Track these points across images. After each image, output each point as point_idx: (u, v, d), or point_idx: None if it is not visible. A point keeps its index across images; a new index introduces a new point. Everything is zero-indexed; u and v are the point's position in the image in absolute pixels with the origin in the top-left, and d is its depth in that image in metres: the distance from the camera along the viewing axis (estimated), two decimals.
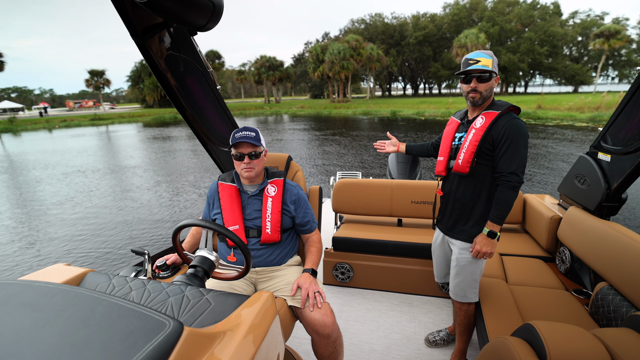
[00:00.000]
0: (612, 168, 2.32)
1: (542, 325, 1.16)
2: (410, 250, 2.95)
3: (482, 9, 58.88)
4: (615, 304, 1.85)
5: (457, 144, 1.93)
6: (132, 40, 1.54)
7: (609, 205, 2.32)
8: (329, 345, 1.68)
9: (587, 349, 1.05)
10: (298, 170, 2.46)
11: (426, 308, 2.84)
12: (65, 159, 15.30)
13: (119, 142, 21.56)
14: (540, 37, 54.58)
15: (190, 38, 1.85)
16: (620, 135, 2.23)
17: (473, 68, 1.73)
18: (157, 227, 6.60)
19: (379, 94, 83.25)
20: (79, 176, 11.57)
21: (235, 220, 1.84)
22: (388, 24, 67.79)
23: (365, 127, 23.59)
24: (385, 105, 38.96)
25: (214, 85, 2.20)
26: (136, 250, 1.72)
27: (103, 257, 5.42)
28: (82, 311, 0.75)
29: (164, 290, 1.15)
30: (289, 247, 1.99)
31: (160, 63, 1.65)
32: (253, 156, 1.79)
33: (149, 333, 0.70)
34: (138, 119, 41.29)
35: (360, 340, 2.47)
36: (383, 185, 3.35)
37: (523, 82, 65.17)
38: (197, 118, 2.05)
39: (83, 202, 8.44)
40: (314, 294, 1.68)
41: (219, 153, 2.44)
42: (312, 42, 72.41)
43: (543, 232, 2.83)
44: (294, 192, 1.95)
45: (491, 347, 1.38)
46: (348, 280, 3.15)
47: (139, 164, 13.61)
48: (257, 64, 58.70)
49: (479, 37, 41.24)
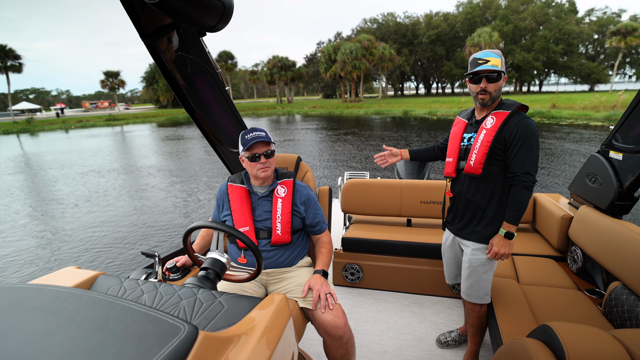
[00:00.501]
0: (624, 166, 2.29)
1: (560, 327, 1.15)
2: (420, 250, 2.95)
3: (495, 7, 58.11)
4: (630, 303, 1.82)
5: (466, 144, 1.90)
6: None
7: (621, 204, 2.30)
8: (341, 347, 1.67)
9: (606, 350, 1.04)
10: (307, 171, 2.46)
11: (437, 308, 2.84)
12: (82, 158, 15.77)
13: (134, 142, 22.06)
14: (555, 35, 53.60)
15: (200, 39, 1.85)
16: (632, 134, 2.21)
17: (482, 68, 1.70)
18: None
19: (392, 93, 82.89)
20: (95, 176, 11.94)
21: (246, 222, 1.83)
22: (400, 23, 67.46)
23: (377, 126, 23.68)
24: (397, 105, 38.99)
25: (223, 86, 2.19)
26: (146, 252, 1.72)
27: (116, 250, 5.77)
28: (96, 315, 0.74)
29: (176, 293, 1.16)
30: (300, 248, 1.98)
31: (170, 64, 1.65)
32: (268, 155, 1.80)
33: (163, 337, 0.69)
34: (152, 119, 42.18)
35: (371, 341, 2.48)
36: (392, 185, 3.34)
37: (537, 81, 64.13)
38: (206, 119, 2.05)
39: (99, 202, 8.76)
40: (326, 295, 1.67)
41: (228, 154, 2.42)
42: (324, 42, 72.76)
43: (554, 231, 2.80)
44: (303, 192, 1.95)
45: (507, 348, 1.36)
46: (358, 281, 3.16)
47: (157, 164, 13.95)
48: (269, 64, 59.09)
49: (492, 36, 40.91)
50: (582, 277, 2.54)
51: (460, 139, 1.94)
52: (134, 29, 1.48)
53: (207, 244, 2.02)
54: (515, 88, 62.12)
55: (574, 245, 2.65)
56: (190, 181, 10.51)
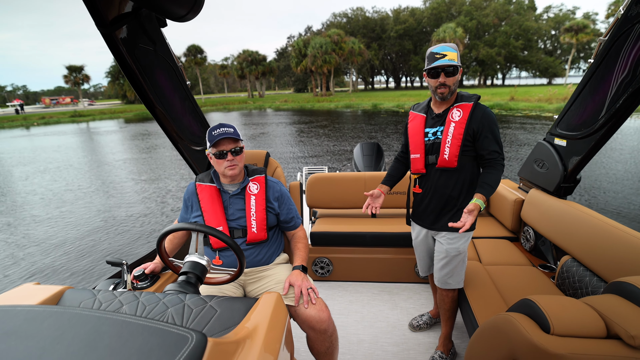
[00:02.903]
0: (567, 152, 2.45)
1: (541, 299, 1.21)
2: (387, 239, 3.02)
3: (460, 3, 60.28)
4: (580, 274, 2.00)
5: (432, 139, 1.90)
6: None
7: (565, 186, 2.48)
8: (325, 340, 1.67)
9: (583, 316, 1.13)
10: (277, 167, 2.43)
11: (406, 294, 2.94)
12: (66, 157, 15.28)
13: (104, 138, 21.59)
14: (516, 31, 56.45)
15: (160, 30, 1.78)
16: (574, 122, 2.36)
17: (440, 63, 1.73)
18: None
19: (362, 87, 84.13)
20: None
21: (218, 222, 1.79)
22: (369, 17, 68.62)
23: (348, 119, 24.26)
24: (367, 99, 39.83)
25: (184, 81, 2.13)
26: (112, 261, 1.62)
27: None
28: (86, 333, 0.68)
29: (160, 301, 1.08)
30: (276, 245, 1.96)
31: (129, 56, 1.57)
32: (236, 152, 1.75)
33: (170, 349, 0.65)
34: (120, 115, 40.93)
35: (347, 332, 2.51)
36: (356, 178, 3.37)
37: (501, 75, 67.08)
38: (167, 115, 1.96)
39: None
40: (307, 290, 1.66)
41: (191, 152, 2.35)
42: (295, 37, 72.64)
43: (508, 214, 2.98)
44: (276, 188, 1.93)
45: (492, 323, 1.41)
46: (328, 274, 3.19)
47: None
48: (239, 58, 58.56)
49: (456, 32, 42.40)
50: (534, 255, 2.73)
51: (423, 134, 1.94)
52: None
53: (176, 248, 1.93)
54: (479, 81, 64.81)
55: (526, 225, 2.84)
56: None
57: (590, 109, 2.19)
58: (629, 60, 1.85)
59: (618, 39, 1.93)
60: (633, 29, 1.82)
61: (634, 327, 1.03)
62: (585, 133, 2.21)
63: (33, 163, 13.27)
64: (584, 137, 2.25)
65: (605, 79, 2.05)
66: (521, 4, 60.17)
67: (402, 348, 2.34)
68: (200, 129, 2.40)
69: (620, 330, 1.06)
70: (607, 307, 1.14)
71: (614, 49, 1.97)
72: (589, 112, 2.19)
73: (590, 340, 1.08)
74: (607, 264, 1.87)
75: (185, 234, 1.94)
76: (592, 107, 2.17)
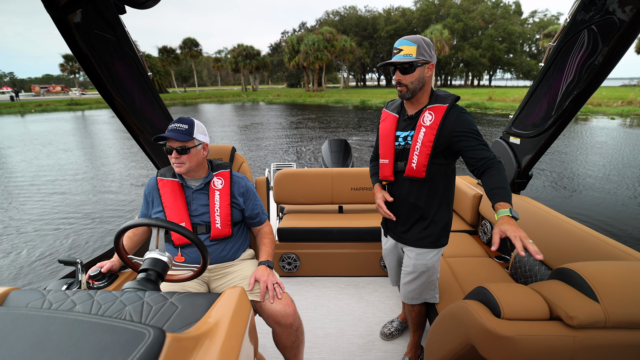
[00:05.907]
0: (521, 149, 2.53)
1: (493, 287, 1.26)
2: (354, 234, 3.06)
3: (449, 6, 62.27)
4: (530, 263, 2.09)
5: (402, 144, 1.72)
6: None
7: (519, 181, 2.57)
8: (291, 334, 1.67)
9: (529, 301, 1.19)
10: (243, 162, 2.39)
11: (371, 288, 3.00)
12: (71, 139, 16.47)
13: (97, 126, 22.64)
14: (501, 34, 58.81)
15: (119, 17, 1.71)
16: (527, 122, 2.45)
17: (395, 59, 1.57)
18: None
19: (354, 84, 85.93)
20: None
21: (181, 218, 1.73)
22: (362, 16, 70.45)
23: (337, 113, 25.93)
24: (356, 95, 41.55)
25: (145, 72, 2.05)
26: (65, 259, 1.48)
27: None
28: (32, 334, 0.63)
29: (117, 299, 0.97)
30: (241, 240, 1.93)
31: (82, 43, 1.50)
32: (182, 150, 1.66)
33: (126, 346, 0.62)
34: None
35: (314, 326, 2.53)
36: (324, 174, 3.39)
37: (487, 76, 69.49)
38: (126, 107, 1.90)
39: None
40: (273, 285, 1.65)
41: (153, 146, 2.26)
42: (289, 32, 74.42)
43: (467, 209, 3.08)
44: (241, 184, 1.88)
45: (449, 311, 1.44)
46: (295, 270, 3.20)
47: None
48: (234, 52, 59.52)
49: (442, 33, 44.00)
50: (491, 247, 2.77)
51: (394, 137, 1.76)
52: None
53: (136, 246, 1.81)
54: (466, 82, 67.23)
55: (484, 219, 2.95)
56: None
57: (541, 110, 2.27)
58: (574, 64, 1.94)
59: (565, 44, 2.02)
60: (579, 35, 1.90)
61: (572, 308, 1.08)
62: (536, 132, 2.30)
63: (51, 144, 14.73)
64: (535, 135, 2.34)
65: (554, 82, 2.13)
66: (507, 8, 62.45)
67: (367, 340, 2.39)
68: (164, 122, 2.33)
69: (561, 312, 1.10)
70: (551, 292, 1.19)
71: (561, 54, 2.06)
72: (540, 112, 2.28)
73: (535, 323, 1.13)
74: (553, 253, 1.97)
75: (145, 230, 1.84)
76: (542, 107, 2.26)
